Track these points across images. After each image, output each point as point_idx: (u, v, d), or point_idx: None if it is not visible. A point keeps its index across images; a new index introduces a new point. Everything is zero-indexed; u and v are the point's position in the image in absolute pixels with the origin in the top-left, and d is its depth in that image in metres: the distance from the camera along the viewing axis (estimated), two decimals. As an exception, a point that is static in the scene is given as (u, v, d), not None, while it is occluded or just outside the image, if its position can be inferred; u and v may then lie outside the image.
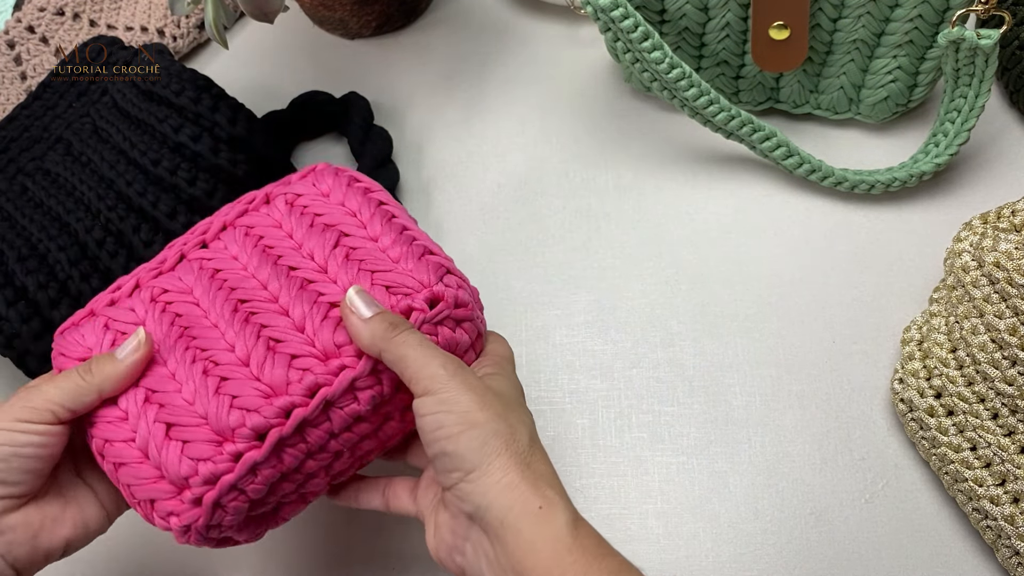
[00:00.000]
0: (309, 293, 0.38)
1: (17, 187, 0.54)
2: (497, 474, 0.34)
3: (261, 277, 0.40)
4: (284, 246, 0.41)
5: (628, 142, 0.59)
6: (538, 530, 0.33)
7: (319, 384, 0.36)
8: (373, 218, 0.41)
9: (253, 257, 0.40)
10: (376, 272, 0.39)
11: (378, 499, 0.41)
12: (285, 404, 0.36)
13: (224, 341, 0.38)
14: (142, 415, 0.36)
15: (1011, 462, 0.42)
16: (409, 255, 0.40)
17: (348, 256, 0.39)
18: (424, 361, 0.35)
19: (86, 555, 0.49)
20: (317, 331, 0.37)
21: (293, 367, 0.36)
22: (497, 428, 0.35)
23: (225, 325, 0.38)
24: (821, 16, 0.51)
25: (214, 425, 0.36)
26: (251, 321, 0.38)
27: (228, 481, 0.35)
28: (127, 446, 0.36)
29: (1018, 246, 0.42)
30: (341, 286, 0.39)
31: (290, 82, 0.63)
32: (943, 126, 0.53)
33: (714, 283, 0.53)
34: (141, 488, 0.36)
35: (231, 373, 0.37)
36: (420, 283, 0.39)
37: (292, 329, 0.38)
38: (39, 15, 0.68)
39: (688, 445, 0.49)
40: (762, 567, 0.45)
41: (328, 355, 0.37)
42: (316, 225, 0.41)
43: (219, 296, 0.39)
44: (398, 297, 0.38)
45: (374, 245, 0.40)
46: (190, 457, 0.35)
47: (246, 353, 0.37)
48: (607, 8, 0.48)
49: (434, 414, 0.35)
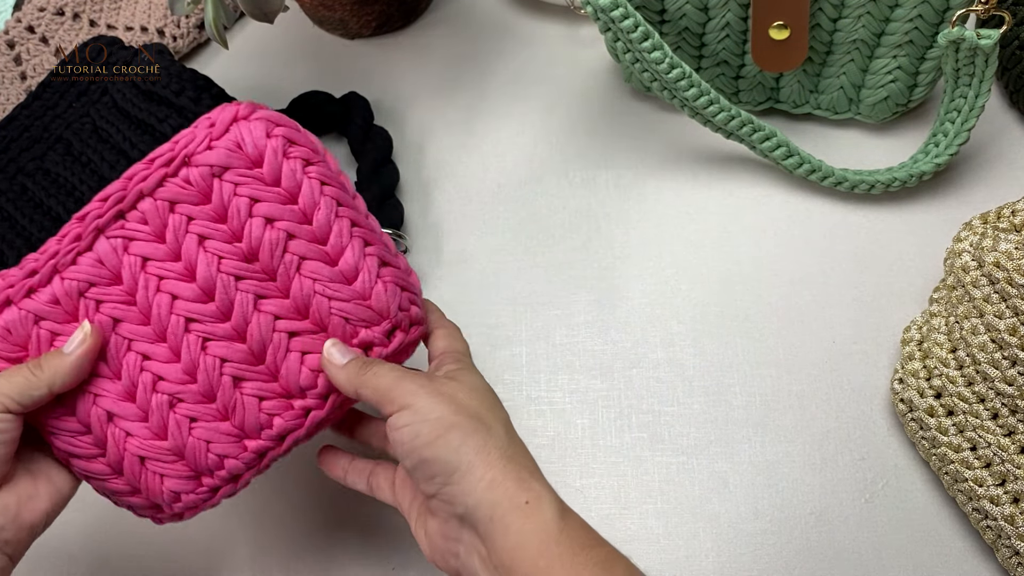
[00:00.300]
0: (265, 318, 0.38)
1: (17, 187, 0.54)
2: (479, 471, 0.34)
3: (202, 281, 0.38)
4: (218, 237, 0.38)
5: (628, 142, 0.59)
6: (526, 524, 0.33)
7: (289, 430, 0.39)
8: (319, 211, 0.39)
9: (186, 249, 0.38)
10: (334, 300, 0.39)
11: (363, 483, 0.42)
12: (259, 448, 0.39)
13: (181, 371, 0.38)
14: (110, 439, 0.38)
15: (1011, 462, 0.42)
16: (365, 271, 0.39)
17: (300, 269, 0.39)
18: (395, 384, 0.36)
19: (87, 555, 0.49)
20: (280, 366, 0.39)
21: (262, 411, 0.39)
22: (473, 427, 0.35)
23: (175, 342, 0.38)
24: (821, 16, 0.51)
25: (192, 465, 0.39)
26: (208, 351, 0.38)
27: (204, 506, 0.40)
28: (98, 463, 0.38)
29: (1018, 246, 0.42)
30: (294, 302, 0.39)
31: (290, 82, 0.63)
32: (943, 126, 0.53)
33: (714, 283, 0.53)
34: (118, 499, 0.39)
35: (199, 412, 0.38)
36: (378, 313, 0.39)
37: (253, 363, 0.39)
38: (39, 15, 0.68)
39: (688, 445, 0.49)
40: (762, 567, 0.45)
41: (292, 394, 0.39)
42: (256, 216, 0.38)
43: (161, 304, 0.38)
44: (356, 328, 0.39)
45: (324, 252, 0.39)
46: (171, 489, 0.39)
47: (210, 390, 0.38)
48: (607, 8, 0.48)
49: (409, 425, 0.35)
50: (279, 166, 0.38)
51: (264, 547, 0.48)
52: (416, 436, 0.35)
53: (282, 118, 0.39)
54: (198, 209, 0.38)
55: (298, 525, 0.49)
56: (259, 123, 0.38)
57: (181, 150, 0.38)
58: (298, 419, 0.39)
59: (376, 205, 0.55)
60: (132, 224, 0.38)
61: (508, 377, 0.51)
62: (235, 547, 0.49)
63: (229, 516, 0.49)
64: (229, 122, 0.38)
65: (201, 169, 0.38)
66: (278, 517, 0.49)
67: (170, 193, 0.38)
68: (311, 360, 0.39)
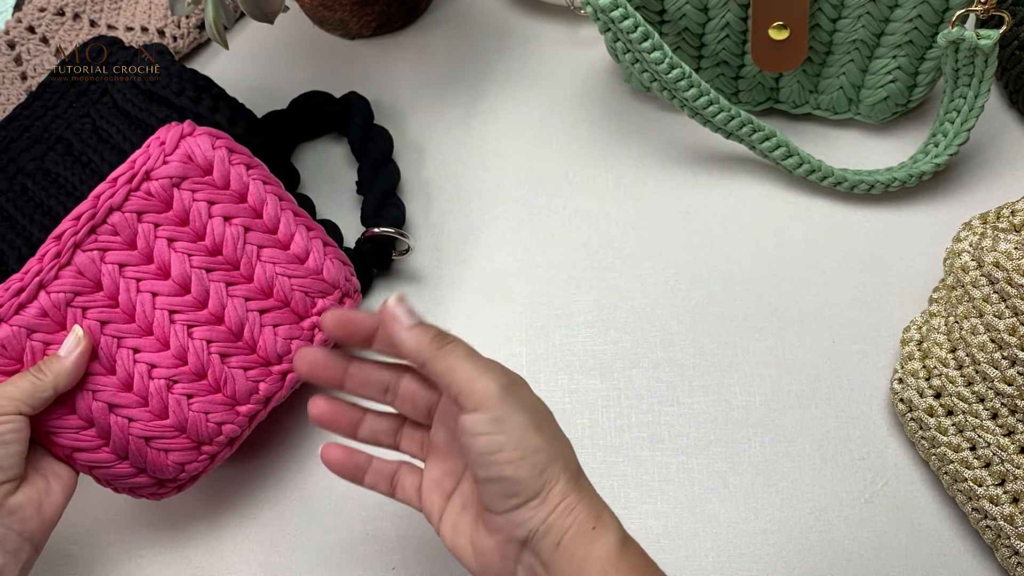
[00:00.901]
0: (238, 302, 0.45)
1: (17, 187, 0.54)
2: (556, 498, 0.33)
3: (178, 277, 0.44)
4: (185, 238, 0.44)
5: (628, 142, 0.59)
6: (589, 550, 0.33)
7: (273, 392, 0.46)
8: (267, 206, 0.45)
9: (158, 251, 0.44)
10: (294, 279, 0.45)
11: (385, 485, 0.40)
12: (250, 411, 0.45)
13: (172, 356, 0.44)
14: (114, 427, 0.42)
15: (1010, 462, 0.42)
16: (314, 251, 0.46)
17: (260, 256, 0.45)
18: (474, 375, 0.34)
19: (87, 555, 0.49)
20: (257, 340, 0.45)
21: (248, 379, 0.45)
22: (554, 452, 0.34)
23: (163, 333, 0.44)
24: (821, 16, 0.51)
25: (194, 437, 0.44)
26: (195, 336, 0.44)
27: (204, 472, 0.46)
28: (102, 453, 0.43)
29: (1017, 246, 0.42)
30: (259, 285, 0.45)
31: (290, 82, 0.63)
32: (943, 126, 0.53)
33: (714, 283, 0.53)
34: (121, 482, 0.44)
35: (194, 389, 0.44)
36: (331, 284, 0.46)
37: (234, 340, 0.45)
38: (39, 15, 0.68)
39: (688, 445, 0.49)
40: (762, 567, 0.45)
41: (271, 361, 0.45)
42: (215, 216, 0.44)
43: (144, 302, 0.43)
44: (314, 299, 0.46)
45: (277, 239, 0.45)
46: (176, 462, 0.44)
47: (201, 368, 0.44)
48: (607, 8, 0.48)
49: (489, 435, 0.33)
50: (227, 171, 0.45)
51: (265, 547, 0.48)
52: (499, 450, 0.33)
53: (220, 132, 0.46)
54: (163, 216, 0.44)
55: (299, 524, 0.49)
56: (204, 137, 0.45)
57: (140, 167, 0.44)
58: (278, 382, 0.46)
59: (377, 205, 0.55)
60: (105, 236, 0.43)
61: (508, 377, 0.51)
62: (236, 548, 0.49)
63: (230, 516, 0.49)
64: (178, 139, 0.44)
65: (162, 181, 0.44)
66: (278, 517, 0.49)
67: (136, 205, 0.43)
68: (282, 331, 0.45)
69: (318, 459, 0.50)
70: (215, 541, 0.49)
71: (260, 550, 0.48)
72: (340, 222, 0.56)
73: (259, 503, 0.50)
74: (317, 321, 0.46)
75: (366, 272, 0.53)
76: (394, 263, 0.55)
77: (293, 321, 0.46)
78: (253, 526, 0.49)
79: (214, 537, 0.49)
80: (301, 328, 0.46)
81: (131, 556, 0.49)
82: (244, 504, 0.50)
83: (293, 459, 0.51)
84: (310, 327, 0.46)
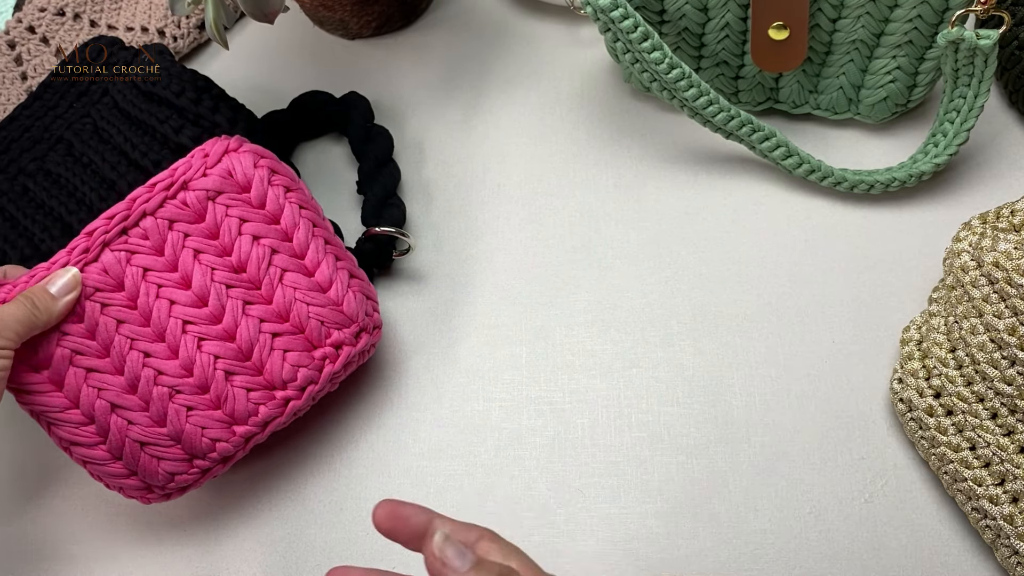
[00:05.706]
0: (252, 321, 0.44)
1: (19, 188, 0.54)
2: None
3: (197, 289, 0.44)
4: (211, 251, 0.45)
5: (628, 142, 0.59)
6: None
7: (272, 417, 0.45)
8: (298, 231, 0.45)
9: (183, 261, 0.44)
10: (312, 306, 0.45)
11: None
12: (246, 433, 0.45)
13: (179, 366, 0.44)
14: (113, 427, 0.43)
15: (1010, 462, 0.42)
16: (338, 281, 0.46)
17: (282, 280, 0.45)
18: None
19: (87, 555, 0.49)
20: (265, 362, 0.45)
21: (250, 401, 0.44)
22: None
23: (174, 342, 0.44)
24: (821, 16, 0.51)
25: (187, 450, 0.44)
26: (203, 349, 0.44)
27: (192, 487, 0.46)
28: (99, 450, 0.43)
29: (1017, 246, 0.42)
30: (276, 308, 0.45)
31: (290, 82, 0.63)
32: (942, 126, 0.53)
33: (714, 283, 0.53)
34: (112, 480, 0.44)
35: (195, 402, 0.44)
36: (349, 317, 0.46)
37: (241, 359, 0.44)
38: (40, 15, 0.68)
39: (688, 445, 0.49)
40: (762, 567, 0.45)
41: (275, 386, 0.45)
42: (244, 234, 0.45)
43: (160, 308, 0.44)
44: (329, 330, 0.46)
45: (303, 265, 0.45)
46: (166, 471, 0.44)
47: (204, 382, 0.44)
48: (607, 8, 0.48)
49: None
50: (264, 192, 0.45)
51: (266, 546, 0.48)
52: None
53: (266, 152, 0.46)
54: (193, 227, 0.44)
55: (299, 525, 0.49)
56: (247, 155, 0.45)
57: (180, 176, 0.44)
58: (279, 408, 0.45)
59: (378, 204, 0.55)
60: (134, 239, 0.44)
61: (508, 377, 0.51)
62: (236, 547, 0.49)
63: (230, 517, 0.49)
64: (221, 154, 0.45)
65: (198, 193, 0.44)
66: (278, 517, 0.49)
67: (169, 213, 0.44)
68: (291, 357, 0.45)
69: (318, 459, 0.50)
70: (215, 541, 0.49)
71: (260, 550, 0.48)
72: (340, 222, 0.56)
73: (259, 503, 0.50)
74: (329, 352, 0.46)
75: (367, 272, 0.53)
76: (395, 263, 0.55)
77: (305, 348, 0.45)
78: (253, 526, 0.49)
79: (214, 537, 0.49)
80: (311, 357, 0.45)
81: (131, 556, 0.49)
82: (244, 504, 0.50)
83: (293, 459, 0.51)
84: (320, 357, 0.46)
